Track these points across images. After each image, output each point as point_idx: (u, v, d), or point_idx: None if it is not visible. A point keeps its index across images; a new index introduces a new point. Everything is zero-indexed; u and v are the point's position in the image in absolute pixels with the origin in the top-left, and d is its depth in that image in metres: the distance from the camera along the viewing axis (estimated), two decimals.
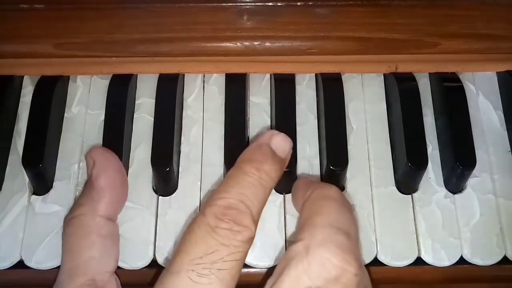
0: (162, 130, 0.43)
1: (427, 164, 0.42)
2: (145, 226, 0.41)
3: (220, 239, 0.31)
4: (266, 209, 0.41)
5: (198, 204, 0.42)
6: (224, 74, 0.46)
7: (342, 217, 0.33)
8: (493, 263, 0.40)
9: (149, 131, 0.43)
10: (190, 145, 0.44)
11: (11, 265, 0.40)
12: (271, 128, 0.44)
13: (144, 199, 0.42)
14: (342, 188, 0.42)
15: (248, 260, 0.40)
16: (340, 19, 0.45)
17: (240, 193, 0.33)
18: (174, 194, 0.42)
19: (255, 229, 0.33)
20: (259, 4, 0.46)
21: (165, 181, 0.42)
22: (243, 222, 0.32)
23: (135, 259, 0.40)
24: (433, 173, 0.43)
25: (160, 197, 0.42)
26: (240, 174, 0.34)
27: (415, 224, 0.41)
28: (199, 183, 0.42)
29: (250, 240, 0.32)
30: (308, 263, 0.30)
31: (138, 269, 0.40)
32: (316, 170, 0.43)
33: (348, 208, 0.35)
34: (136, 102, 0.45)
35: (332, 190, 0.35)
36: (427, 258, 0.40)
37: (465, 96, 0.45)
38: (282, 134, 0.37)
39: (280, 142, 0.37)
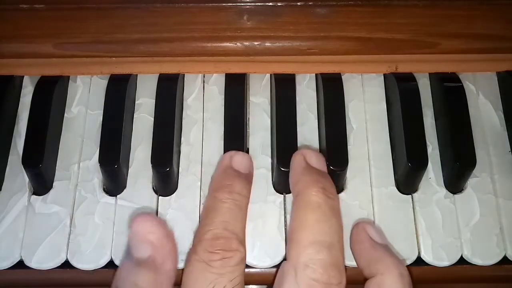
0: (162, 130, 0.43)
1: (427, 164, 0.42)
2: None
3: (216, 270, 0.34)
4: (266, 209, 0.41)
5: (198, 204, 0.42)
6: (224, 74, 0.46)
7: (324, 227, 0.35)
8: (493, 263, 0.40)
9: (149, 131, 0.43)
10: (190, 145, 0.44)
11: (11, 265, 0.40)
12: (271, 127, 0.44)
13: (144, 199, 0.42)
14: (342, 188, 0.42)
15: (248, 260, 0.39)
16: (340, 19, 0.45)
17: (222, 221, 0.36)
18: (174, 194, 0.42)
19: (244, 247, 0.36)
20: (259, 4, 0.46)
21: (165, 181, 0.42)
22: (232, 246, 0.35)
23: None
24: (433, 173, 0.43)
25: (160, 197, 0.42)
26: (217, 203, 0.37)
27: (415, 224, 0.41)
28: (199, 183, 0.42)
29: (243, 261, 0.35)
30: (297, 285, 0.33)
31: None
32: None
33: (332, 214, 0.36)
34: (136, 102, 0.45)
35: (314, 196, 0.36)
36: (427, 258, 0.40)
37: (465, 96, 0.45)
38: (239, 152, 0.41)
39: (240, 161, 0.40)
